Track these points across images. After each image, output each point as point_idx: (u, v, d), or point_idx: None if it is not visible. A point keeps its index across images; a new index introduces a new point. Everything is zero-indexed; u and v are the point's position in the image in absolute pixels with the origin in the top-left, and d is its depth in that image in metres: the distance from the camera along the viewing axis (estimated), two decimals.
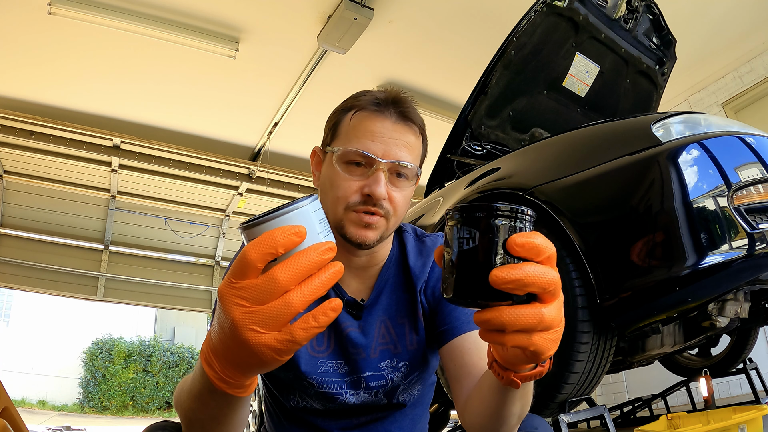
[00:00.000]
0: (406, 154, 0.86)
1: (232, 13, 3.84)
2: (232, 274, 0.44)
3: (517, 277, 0.43)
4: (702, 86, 4.46)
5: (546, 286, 0.45)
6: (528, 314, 0.45)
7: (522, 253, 0.45)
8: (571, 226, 1.51)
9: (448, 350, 0.86)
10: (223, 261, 7.55)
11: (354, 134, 0.86)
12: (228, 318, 0.43)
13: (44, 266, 6.44)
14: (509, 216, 0.45)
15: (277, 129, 5.28)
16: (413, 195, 0.93)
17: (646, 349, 1.73)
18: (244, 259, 0.43)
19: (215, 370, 0.48)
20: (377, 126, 0.86)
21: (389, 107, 0.87)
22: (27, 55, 4.15)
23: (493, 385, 0.65)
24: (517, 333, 0.46)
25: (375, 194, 0.82)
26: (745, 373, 2.21)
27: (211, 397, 0.54)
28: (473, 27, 3.93)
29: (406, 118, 0.88)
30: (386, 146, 0.85)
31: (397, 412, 0.96)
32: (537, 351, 0.47)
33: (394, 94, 0.89)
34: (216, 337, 0.47)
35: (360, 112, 0.88)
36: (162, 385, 12.66)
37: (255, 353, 0.43)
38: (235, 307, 0.43)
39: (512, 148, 2.29)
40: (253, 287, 0.42)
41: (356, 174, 0.85)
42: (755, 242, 1.31)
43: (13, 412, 1.17)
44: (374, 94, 0.90)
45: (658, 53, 2.64)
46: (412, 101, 0.90)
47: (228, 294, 0.43)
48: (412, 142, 0.88)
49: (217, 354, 0.47)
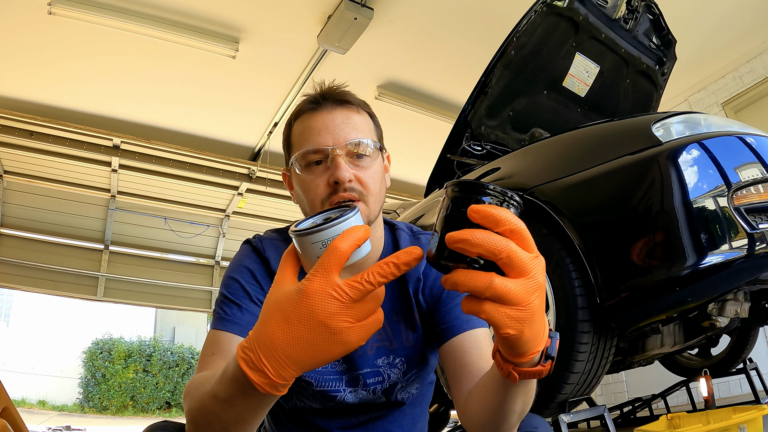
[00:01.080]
0: (355, 133, 0.88)
1: (232, 13, 3.84)
2: (325, 269, 0.48)
3: (464, 237, 0.46)
4: (702, 86, 4.46)
5: (495, 252, 0.46)
6: (478, 277, 0.47)
7: (478, 220, 0.47)
8: (571, 226, 1.51)
9: (448, 349, 0.87)
10: (223, 261, 7.53)
11: (302, 138, 0.90)
12: (320, 311, 0.48)
13: (44, 266, 6.43)
14: (496, 196, 0.49)
15: (277, 129, 5.28)
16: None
17: (646, 349, 1.73)
18: (337, 250, 0.49)
19: (267, 374, 0.50)
20: (318, 120, 0.89)
21: (324, 100, 0.90)
22: (27, 55, 4.15)
23: (495, 380, 0.65)
24: (471, 298, 0.48)
25: (339, 178, 0.84)
26: (745, 373, 2.21)
27: (246, 399, 0.54)
28: (473, 27, 3.93)
29: (342, 102, 0.91)
30: (333, 134, 0.87)
31: (397, 410, 0.96)
32: (490, 321, 0.48)
33: (326, 87, 0.93)
34: (283, 336, 0.49)
35: (300, 116, 0.92)
36: (162, 385, 12.66)
37: (344, 341, 0.49)
38: (333, 302, 0.48)
39: (512, 148, 2.29)
40: (357, 287, 0.48)
41: (319, 171, 0.87)
42: (755, 242, 1.31)
43: (13, 412, 1.18)
44: (309, 95, 0.93)
45: (658, 53, 2.64)
46: (344, 86, 0.94)
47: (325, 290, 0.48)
48: (357, 120, 0.91)
49: (274, 355, 0.49)
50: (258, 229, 6.74)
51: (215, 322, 0.86)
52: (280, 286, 0.52)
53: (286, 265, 0.54)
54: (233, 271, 0.91)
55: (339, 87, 0.92)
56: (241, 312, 0.85)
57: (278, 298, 0.51)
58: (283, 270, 0.54)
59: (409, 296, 0.94)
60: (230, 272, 0.92)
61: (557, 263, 1.52)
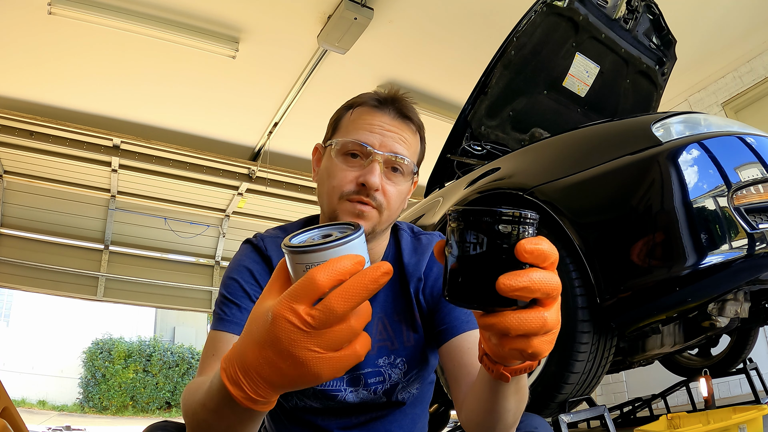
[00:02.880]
0: (402, 149, 0.89)
1: (232, 13, 3.84)
2: (292, 297, 0.44)
3: (524, 284, 0.44)
4: (702, 86, 4.46)
5: (550, 292, 0.45)
6: (532, 319, 0.45)
7: (530, 260, 0.45)
8: (571, 226, 1.51)
9: (447, 349, 0.87)
10: (223, 261, 7.54)
11: (353, 127, 0.90)
12: (284, 340, 0.43)
13: (44, 266, 6.43)
14: (515, 221, 0.45)
15: (277, 129, 5.28)
16: (413, 196, 0.93)
17: (646, 349, 1.73)
18: (312, 282, 0.43)
19: (244, 389, 0.48)
20: (376, 119, 0.89)
21: (389, 104, 0.91)
22: (27, 55, 4.15)
23: (485, 379, 0.65)
24: (518, 337, 0.46)
25: (369, 183, 0.84)
26: (745, 373, 2.21)
27: (232, 412, 0.53)
28: (473, 27, 3.93)
29: (405, 115, 0.91)
30: (383, 138, 0.88)
31: (397, 410, 0.96)
32: (535, 353, 0.47)
33: (395, 93, 0.93)
34: (254, 356, 0.46)
35: (360, 107, 0.92)
36: (162, 385, 12.65)
37: (312, 373, 0.44)
38: (295, 330, 0.43)
39: (512, 148, 2.29)
40: (318, 316, 0.43)
41: (353, 165, 0.87)
42: (755, 242, 1.31)
43: (13, 412, 1.18)
44: (376, 92, 0.94)
45: (658, 53, 2.64)
46: (412, 101, 0.94)
47: (287, 317, 0.43)
48: (409, 138, 0.91)
49: (249, 373, 0.47)
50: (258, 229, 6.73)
51: (215, 322, 0.86)
52: (263, 301, 0.49)
53: (276, 278, 0.51)
54: (233, 271, 0.91)
55: (406, 98, 0.93)
56: (241, 312, 0.85)
57: (256, 315, 0.48)
58: (272, 283, 0.50)
59: (410, 296, 0.94)
60: (230, 272, 0.92)
61: (557, 263, 1.52)
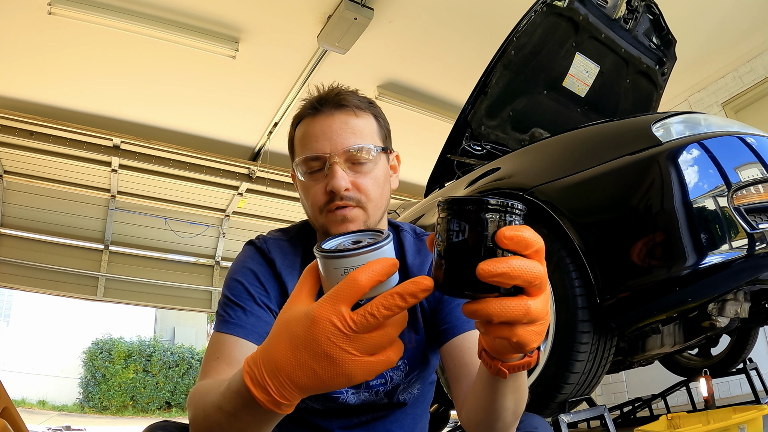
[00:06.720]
0: (353, 138, 0.87)
1: (232, 13, 3.84)
2: (335, 299, 0.46)
3: (503, 270, 0.44)
4: (702, 86, 4.46)
5: (531, 280, 0.45)
6: (514, 307, 0.45)
7: (510, 246, 0.45)
8: (571, 226, 1.51)
9: (448, 349, 0.87)
10: (223, 261, 7.54)
11: (302, 143, 0.90)
12: (324, 341, 0.46)
13: (44, 266, 6.43)
14: (499, 210, 0.46)
15: (277, 129, 5.28)
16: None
17: (646, 349, 1.73)
18: (355, 283, 0.46)
19: (269, 392, 0.49)
20: (317, 125, 0.88)
21: (325, 103, 0.89)
22: (27, 55, 4.15)
23: (484, 377, 0.65)
24: (502, 325, 0.47)
25: (335, 188, 0.84)
26: (745, 373, 2.21)
27: (251, 414, 0.53)
28: (473, 27, 3.93)
29: (341, 105, 0.89)
30: (331, 140, 0.87)
31: (398, 411, 0.96)
32: (520, 342, 0.47)
33: (328, 89, 0.91)
34: (286, 358, 0.48)
35: (302, 120, 0.92)
36: (162, 385, 12.65)
37: (345, 374, 0.46)
38: (337, 332, 0.45)
39: (512, 148, 2.29)
40: (359, 321, 0.45)
41: (317, 178, 0.88)
42: (755, 242, 1.31)
43: (13, 412, 1.18)
44: (312, 96, 0.92)
45: (658, 53, 2.64)
46: (346, 87, 0.92)
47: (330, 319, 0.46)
48: (357, 124, 0.89)
49: (277, 376, 0.48)
50: (258, 229, 6.68)
51: (219, 324, 0.85)
52: (294, 305, 0.50)
53: (305, 282, 0.52)
54: (236, 273, 0.90)
55: (339, 89, 0.91)
56: (245, 314, 0.84)
57: (288, 318, 0.49)
58: (301, 287, 0.52)
59: None
60: (233, 274, 0.91)
61: (557, 263, 1.52)
